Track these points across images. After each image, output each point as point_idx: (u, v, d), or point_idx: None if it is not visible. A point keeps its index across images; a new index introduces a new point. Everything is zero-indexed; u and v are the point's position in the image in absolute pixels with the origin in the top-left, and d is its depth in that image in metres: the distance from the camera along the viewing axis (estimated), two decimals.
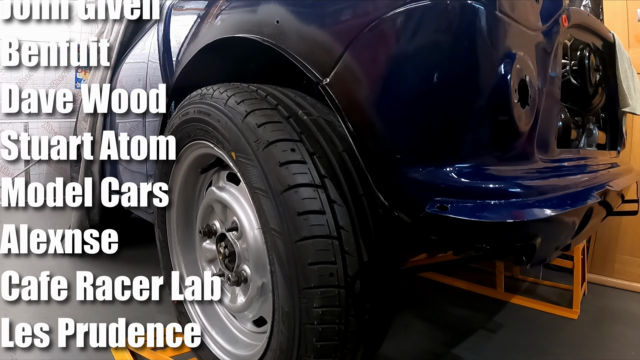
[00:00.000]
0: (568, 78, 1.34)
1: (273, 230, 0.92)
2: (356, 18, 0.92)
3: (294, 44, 1.01)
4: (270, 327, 1.03)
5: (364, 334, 0.94)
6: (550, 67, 1.00)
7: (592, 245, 2.40)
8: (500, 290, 2.11)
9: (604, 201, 1.15)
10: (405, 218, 0.90)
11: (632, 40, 2.26)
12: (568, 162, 1.18)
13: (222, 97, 1.06)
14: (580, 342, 1.70)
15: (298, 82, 1.20)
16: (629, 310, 2.04)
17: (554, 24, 1.02)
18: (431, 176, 0.85)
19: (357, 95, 0.91)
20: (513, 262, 0.93)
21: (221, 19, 1.26)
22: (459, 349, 1.60)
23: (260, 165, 0.93)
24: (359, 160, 0.93)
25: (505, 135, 0.88)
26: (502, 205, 0.81)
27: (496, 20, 0.83)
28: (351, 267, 0.88)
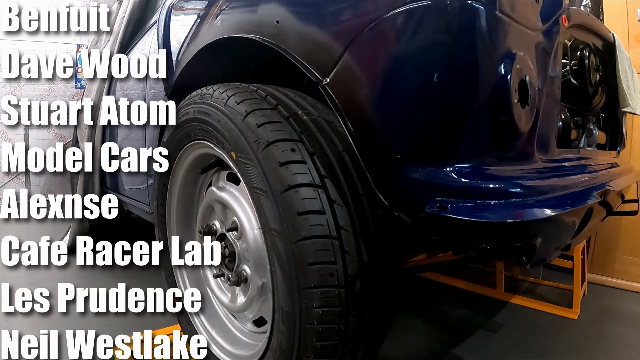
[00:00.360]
0: (568, 78, 1.34)
1: (273, 230, 0.92)
2: (356, 18, 0.92)
3: (294, 44, 1.01)
4: (270, 327, 1.03)
5: (364, 334, 0.94)
6: (550, 67, 1.00)
7: (592, 245, 2.40)
8: (500, 290, 2.11)
9: (604, 201, 1.15)
10: (405, 218, 0.90)
11: (632, 40, 2.26)
12: (568, 162, 1.18)
13: (222, 97, 1.06)
14: (580, 342, 1.70)
15: (298, 82, 1.20)
16: (629, 310, 2.04)
17: (554, 24, 1.02)
18: (431, 176, 0.85)
19: (357, 95, 0.91)
20: (513, 262, 0.93)
21: (221, 19, 1.26)
22: (459, 349, 1.60)
23: (260, 165, 0.93)
24: (359, 160, 0.93)
25: (505, 135, 0.88)
26: (502, 205, 0.81)
27: (496, 20, 0.83)
28: (351, 267, 0.88)
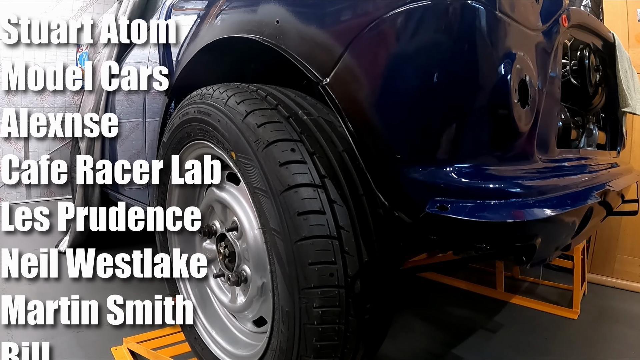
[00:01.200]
0: (568, 78, 1.34)
1: (273, 230, 0.92)
2: (356, 18, 0.92)
3: (294, 44, 1.01)
4: (270, 327, 1.03)
5: (364, 334, 0.94)
6: (550, 67, 1.00)
7: (592, 245, 2.40)
8: (500, 290, 2.11)
9: (604, 201, 1.15)
10: (405, 218, 0.90)
11: (632, 40, 2.26)
12: (568, 162, 1.18)
13: (222, 97, 1.06)
14: (580, 342, 1.70)
15: (298, 82, 1.20)
16: (629, 310, 2.04)
17: (554, 24, 1.02)
18: (431, 176, 0.85)
19: (357, 95, 0.91)
20: (513, 262, 0.93)
21: (221, 19, 1.26)
22: (459, 349, 1.60)
23: (260, 165, 0.93)
24: (359, 160, 0.93)
25: (505, 135, 0.88)
26: (502, 205, 0.81)
27: (496, 20, 0.83)
28: (351, 267, 0.88)
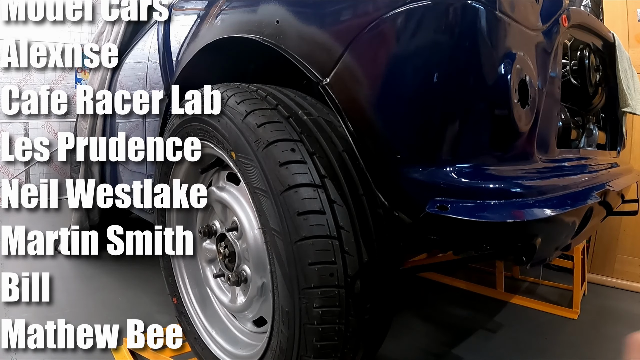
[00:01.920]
0: (568, 78, 1.34)
1: (273, 230, 0.92)
2: (356, 18, 0.92)
3: (294, 44, 1.01)
4: (270, 327, 1.03)
5: (364, 334, 0.94)
6: (550, 67, 1.00)
7: (592, 245, 2.40)
8: (500, 290, 2.11)
9: (604, 201, 1.15)
10: (405, 218, 0.90)
11: (632, 40, 2.26)
12: (568, 162, 1.18)
13: (222, 97, 1.06)
14: (580, 342, 1.70)
15: (298, 82, 1.20)
16: (629, 310, 2.04)
17: (554, 24, 1.02)
18: (431, 176, 0.85)
19: (357, 95, 0.91)
20: (513, 262, 0.93)
21: (221, 19, 1.26)
22: (459, 349, 1.60)
23: (260, 165, 0.93)
24: (359, 160, 0.93)
25: (505, 135, 0.88)
26: (502, 205, 0.81)
27: (496, 20, 0.83)
28: (351, 267, 0.88)
